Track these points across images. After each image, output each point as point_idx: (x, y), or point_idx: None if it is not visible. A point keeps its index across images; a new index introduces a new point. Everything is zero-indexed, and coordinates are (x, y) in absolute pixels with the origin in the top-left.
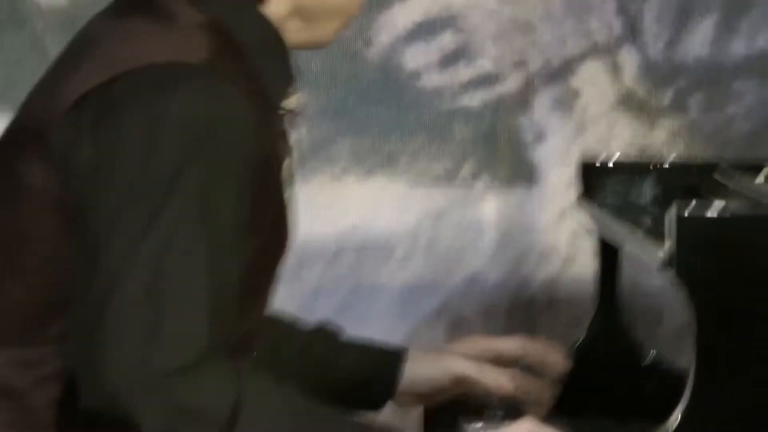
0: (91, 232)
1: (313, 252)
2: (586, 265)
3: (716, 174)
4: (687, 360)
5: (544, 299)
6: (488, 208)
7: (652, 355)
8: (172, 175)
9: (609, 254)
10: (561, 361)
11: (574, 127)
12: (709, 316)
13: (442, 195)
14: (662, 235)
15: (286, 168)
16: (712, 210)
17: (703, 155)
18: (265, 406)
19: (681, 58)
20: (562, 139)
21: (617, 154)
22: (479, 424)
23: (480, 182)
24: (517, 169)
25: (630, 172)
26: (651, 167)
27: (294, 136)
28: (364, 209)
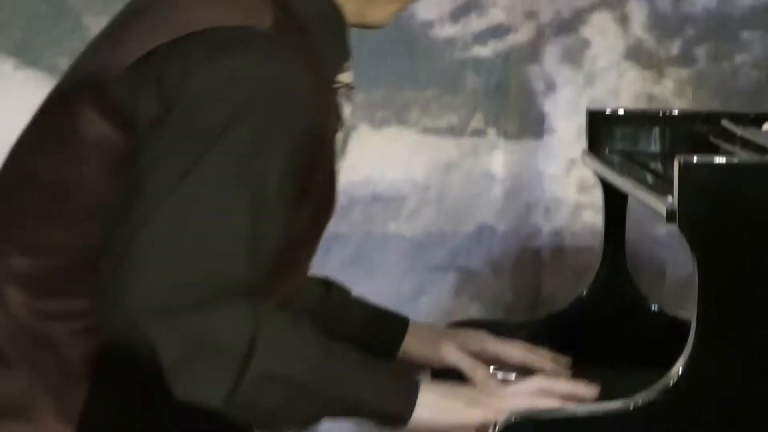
0: (134, 176)
1: None
2: (593, 216)
3: (723, 122)
4: (691, 310)
5: (552, 250)
6: (498, 159)
7: (657, 305)
8: (222, 126)
9: (616, 204)
10: (561, 372)
11: (583, 77)
12: (711, 266)
13: (453, 146)
14: (668, 184)
15: (337, 140)
16: (717, 159)
17: (709, 105)
18: (283, 345)
19: (688, 8)
20: (572, 90)
21: (626, 105)
22: (491, 368)
23: (490, 133)
24: (527, 120)
25: (638, 121)
26: (660, 115)
27: (347, 109)
28: (376, 160)
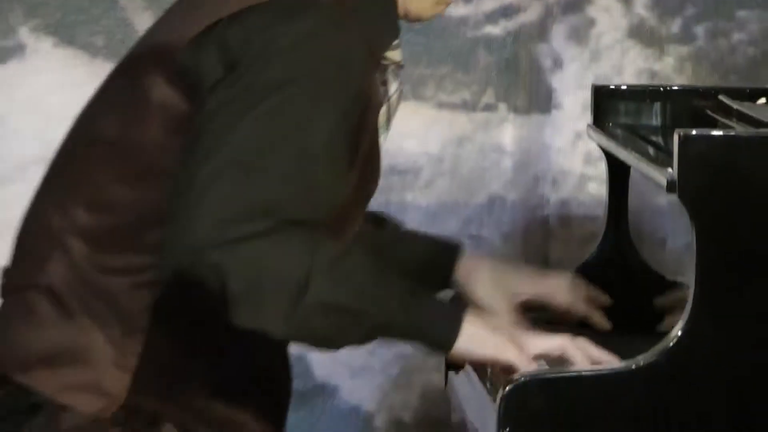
0: (196, 125)
1: None
2: (598, 187)
3: (721, 97)
4: (690, 275)
5: (559, 219)
6: (508, 133)
7: (658, 271)
8: (282, 80)
9: (619, 176)
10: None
11: (589, 55)
12: (709, 234)
13: (466, 120)
14: (669, 156)
15: (383, 114)
16: (715, 132)
17: (708, 81)
18: (338, 275)
19: None
20: (578, 67)
21: (629, 81)
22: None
23: (501, 108)
24: (536, 96)
25: (641, 96)
26: (661, 90)
27: (394, 86)
28: (394, 133)
